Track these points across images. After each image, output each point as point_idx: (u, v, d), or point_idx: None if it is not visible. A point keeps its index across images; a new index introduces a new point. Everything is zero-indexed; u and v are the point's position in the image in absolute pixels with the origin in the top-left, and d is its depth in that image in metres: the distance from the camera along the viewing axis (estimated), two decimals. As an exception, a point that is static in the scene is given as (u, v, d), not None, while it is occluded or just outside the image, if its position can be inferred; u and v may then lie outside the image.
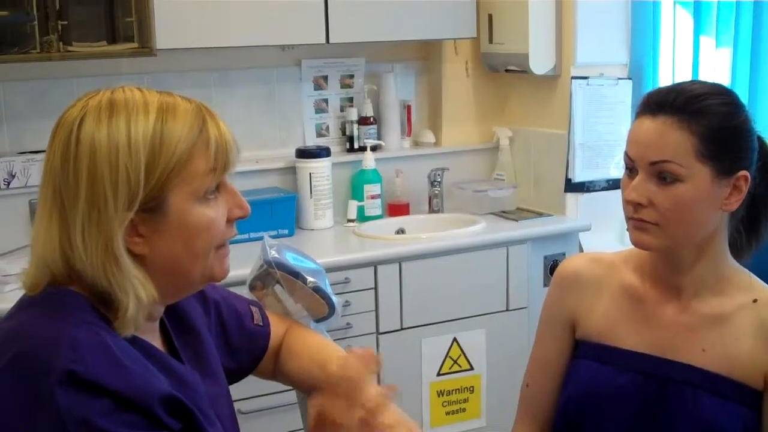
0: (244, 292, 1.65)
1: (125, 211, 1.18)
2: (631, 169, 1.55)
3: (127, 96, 1.23)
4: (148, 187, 1.19)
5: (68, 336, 1.15)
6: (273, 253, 1.61)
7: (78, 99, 1.25)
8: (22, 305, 1.25)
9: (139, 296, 1.20)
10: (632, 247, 1.60)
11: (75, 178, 1.18)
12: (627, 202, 1.54)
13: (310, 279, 1.61)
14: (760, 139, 1.58)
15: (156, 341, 1.32)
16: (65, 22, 2.86)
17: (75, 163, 1.19)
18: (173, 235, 1.23)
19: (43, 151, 1.25)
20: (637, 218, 1.53)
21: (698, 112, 1.49)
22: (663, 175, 1.50)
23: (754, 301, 1.57)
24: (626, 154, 1.55)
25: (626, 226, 1.57)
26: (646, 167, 1.51)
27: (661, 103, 1.51)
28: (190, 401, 1.23)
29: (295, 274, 1.61)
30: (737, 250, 1.63)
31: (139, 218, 1.20)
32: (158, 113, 1.21)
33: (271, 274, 1.61)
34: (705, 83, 1.59)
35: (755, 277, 1.61)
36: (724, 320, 1.57)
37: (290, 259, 1.63)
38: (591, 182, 3.46)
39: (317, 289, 1.62)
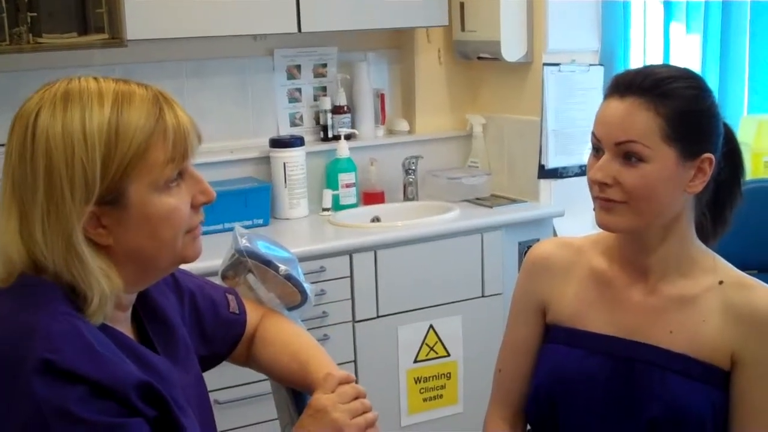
0: (216, 281, 1.65)
1: (83, 205, 1.18)
2: (597, 149, 1.56)
3: (82, 86, 1.22)
4: (106, 180, 1.19)
5: (43, 325, 1.15)
6: (244, 242, 1.61)
7: (37, 90, 1.24)
8: None
9: (102, 288, 1.20)
10: (601, 231, 1.62)
11: (32, 174, 1.18)
12: (592, 182, 1.56)
13: (281, 267, 1.62)
14: (725, 125, 1.59)
15: (127, 331, 1.32)
16: (35, 14, 2.84)
17: (32, 158, 1.18)
18: (136, 226, 1.22)
19: (8, 145, 1.24)
20: (603, 198, 1.54)
21: (665, 94, 1.50)
22: (628, 156, 1.51)
23: (720, 282, 1.58)
24: (593, 134, 1.56)
25: (593, 207, 1.57)
26: (611, 147, 1.53)
27: (628, 85, 1.53)
28: (164, 390, 1.24)
29: (267, 263, 1.61)
30: (704, 234, 1.65)
31: (100, 211, 1.20)
32: (114, 103, 1.20)
33: (242, 263, 1.61)
34: (673, 67, 1.61)
35: (719, 258, 1.63)
36: (691, 302, 1.59)
37: (262, 247, 1.63)
38: (564, 168, 3.48)
39: (289, 277, 1.62)
